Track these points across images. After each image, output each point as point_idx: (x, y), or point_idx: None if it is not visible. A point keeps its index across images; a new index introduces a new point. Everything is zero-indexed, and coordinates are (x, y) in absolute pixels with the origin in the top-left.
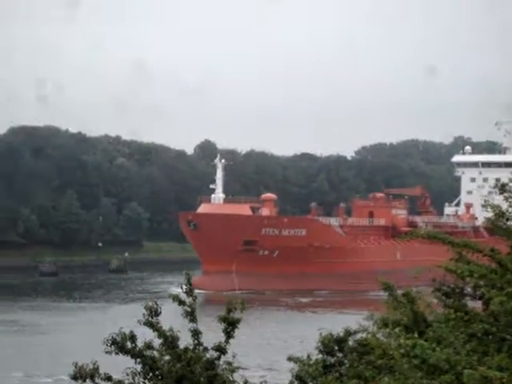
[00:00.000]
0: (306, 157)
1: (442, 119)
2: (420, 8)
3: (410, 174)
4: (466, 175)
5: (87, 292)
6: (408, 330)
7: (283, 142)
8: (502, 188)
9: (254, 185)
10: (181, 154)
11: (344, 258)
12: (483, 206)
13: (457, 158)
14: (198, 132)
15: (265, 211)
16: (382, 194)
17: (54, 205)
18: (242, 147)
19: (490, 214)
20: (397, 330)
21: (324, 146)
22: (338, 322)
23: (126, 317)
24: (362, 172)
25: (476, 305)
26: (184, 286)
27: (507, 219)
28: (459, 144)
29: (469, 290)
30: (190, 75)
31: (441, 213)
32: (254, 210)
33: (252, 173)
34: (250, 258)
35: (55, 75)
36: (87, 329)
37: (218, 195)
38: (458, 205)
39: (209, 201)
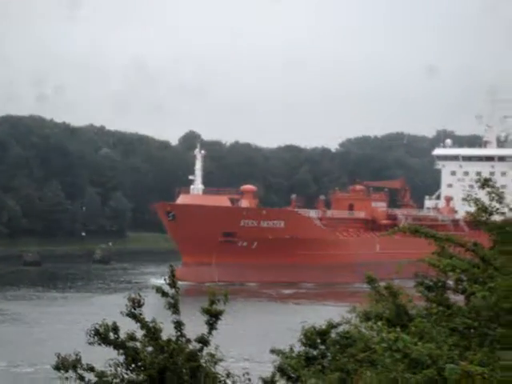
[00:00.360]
0: (291, 149)
1: (428, 112)
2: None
3: (394, 167)
4: (446, 168)
5: (70, 282)
6: (390, 323)
7: (269, 135)
8: (484, 183)
9: (240, 176)
10: (165, 145)
11: (323, 250)
12: (465, 199)
13: (437, 151)
14: (185, 125)
15: (244, 203)
16: (361, 187)
17: (38, 194)
18: (227, 139)
19: (470, 208)
20: (379, 323)
21: (309, 139)
22: (320, 314)
23: (110, 307)
24: (346, 164)
25: (458, 298)
26: (167, 278)
27: (490, 214)
28: (442, 137)
29: (451, 283)
30: (184, 73)
31: (422, 206)
32: (233, 201)
33: (237, 164)
34: (230, 249)
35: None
36: (70, 319)
37: (197, 186)
38: (438, 198)
39: (188, 192)
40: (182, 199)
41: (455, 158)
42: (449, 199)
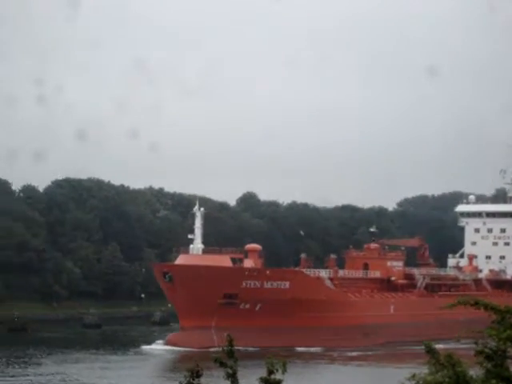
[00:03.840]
0: (348, 208)
1: (487, 171)
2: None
3: (451, 227)
4: (469, 226)
5: (130, 344)
6: None
7: (326, 195)
8: None
9: (296, 236)
10: (223, 206)
11: (331, 311)
12: None
13: (460, 208)
14: (240, 183)
15: (247, 262)
16: (376, 245)
17: (97, 256)
18: (284, 199)
19: (494, 266)
20: None
21: (367, 199)
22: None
23: (168, 371)
24: (404, 224)
25: None
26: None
27: None
28: (501, 196)
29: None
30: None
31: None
32: (236, 261)
33: (294, 224)
34: (231, 312)
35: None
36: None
37: (197, 245)
38: (462, 256)
39: (187, 252)
40: (180, 259)
41: (479, 214)
42: (472, 257)
